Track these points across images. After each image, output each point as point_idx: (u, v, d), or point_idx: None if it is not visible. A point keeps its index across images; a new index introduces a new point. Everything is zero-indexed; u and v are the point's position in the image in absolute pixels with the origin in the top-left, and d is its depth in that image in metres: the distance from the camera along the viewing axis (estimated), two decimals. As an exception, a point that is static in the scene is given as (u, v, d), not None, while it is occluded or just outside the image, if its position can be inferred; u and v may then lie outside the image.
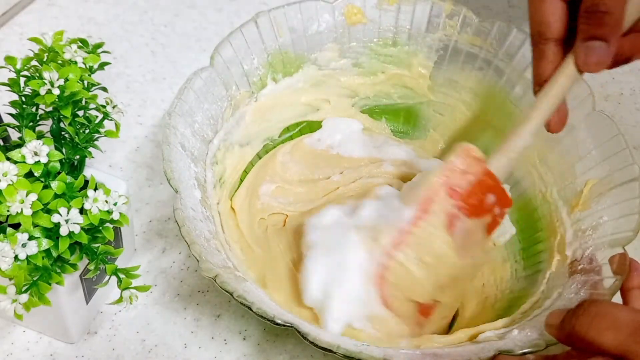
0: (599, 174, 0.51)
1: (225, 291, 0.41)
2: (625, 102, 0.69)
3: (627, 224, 0.46)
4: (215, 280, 0.41)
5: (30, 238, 0.39)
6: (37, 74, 0.44)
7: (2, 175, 0.38)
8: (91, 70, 0.46)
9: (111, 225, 0.42)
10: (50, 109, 0.44)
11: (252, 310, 0.40)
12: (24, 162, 0.40)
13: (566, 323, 0.37)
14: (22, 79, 0.44)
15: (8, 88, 0.45)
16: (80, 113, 0.45)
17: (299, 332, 0.40)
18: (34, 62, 0.45)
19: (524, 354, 0.40)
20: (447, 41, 0.59)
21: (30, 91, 0.44)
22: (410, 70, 0.61)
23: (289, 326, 0.40)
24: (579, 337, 0.35)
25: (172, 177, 0.45)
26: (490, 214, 0.48)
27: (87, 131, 0.45)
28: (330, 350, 0.40)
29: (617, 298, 0.43)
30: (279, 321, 0.40)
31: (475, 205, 0.48)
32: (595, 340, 0.35)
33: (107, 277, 0.42)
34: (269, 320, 0.40)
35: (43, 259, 0.39)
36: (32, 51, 0.46)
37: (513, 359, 0.40)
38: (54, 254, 0.40)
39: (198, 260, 0.42)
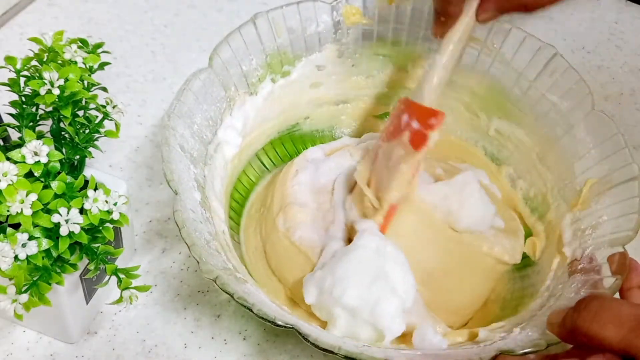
0: (599, 173, 0.51)
1: (226, 293, 0.41)
2: (625, 102, 0.69)
3: (627, 223, 0.46)
4: (215, 282, 0.41)
5: (30, 238, 0.39)
6: (37, 74, 0.44)
7: (2, 175, 0.38)
8: (91, 70, 0.46)
9: (111, 225, 0.42)
10: (50, 109, 0.44)
11: (252, 312, 0.40)
12: (24, 162, 0.40)
13: (568, 319, 0.37)
14: (22, 79, 0.44)
15: (8, 88, 0.45)
16: (80, 113, 0.45)
17: (299, 333, 0.40)
18: (34, 62, 0.45)
19: (525, 353, 0.40)
20: (446, 42, 0.59)
21: (30, 91, 0.44)
22: (408, 70, 0.61)
23: (290, 327, 0.40)
24: (581, 332, 0.35)
25: (171, 179, 0.45)
26: (408, 130, 0.51)
27: (87, 131, 0.45)
28: (332, 352, 0.40)
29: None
30: (280, 322, 0.40)
31: (390, 130, 0.52)
32: (598, 335, 0.35)
33: (107, 277, 0.42)
34: (269, 321, 0.40)
35: (43, 259, 0.39)
36: (32, 51, 0.46)
37: (514, 359, 0.40)
38: (54, 254, 0.40)
39: (198, 262, 0.42)
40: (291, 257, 0.51)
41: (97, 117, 0.46)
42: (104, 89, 0.47)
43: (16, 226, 0.39)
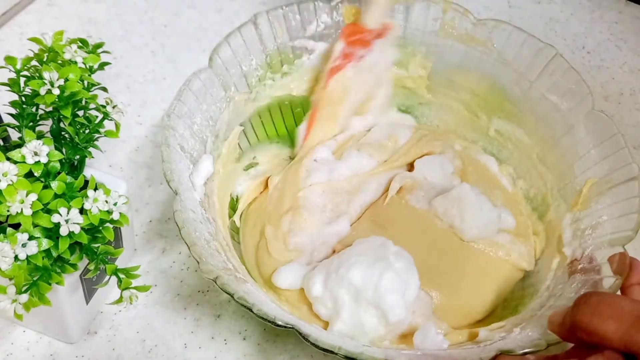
0: (598, 173, 0.51)
1: (226, 293, 0.41)
2: (625, 102, 0.69)
3: (627, 223, 0.46)
4: (215, 282, 0.41)
5: (30, 238, 0.39)
6: (37, 74, 0.44)
7: (2, 175, 0.38)
8: (91, 70, 0.46)
9: (111, 225, 0.42)
10: (50, 109, 0.44)
11: (252, 312, 0.40)
12: (24, 162, 0.40)
13: (568, 316, 0.36)
14: (22, 79, 0.44)
15: (8, 88, 0.45)
16: (80, 113, 0.45)
17: (300, 333, 0.40)
18: (34, 62, 0.45)
19: (525, 354, 0.40)
20: (446, 41, 0.59)
21: (30, 91, 0.44)
22: (408, 70, 0.61)
23: (290, 327, 0.40)
24: (581, 328, 0.35)
25: (171, 179, 0.45)
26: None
27: (87, 131, 0.45)
28: (332, 352, 0.40)
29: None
30: (280, 322, 0.40)
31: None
32: (598, 330, 0.34)
33: (107, 277, 0.42)
34: (269, 321, 0.40)
35: (43, 259, 0.39)
36: (32, 51, 0.46)
37: (514, 359, 0.40)
38: (54, 254, 0.40)
39: (198, 262, 0.42)
40: (277, 259, 0.52)
41: (97, 117, 0.46)
42: (104, 89, 0.47)
43: (16, 226, 0.39)
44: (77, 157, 0.45)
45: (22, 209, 0.39)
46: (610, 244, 0.46)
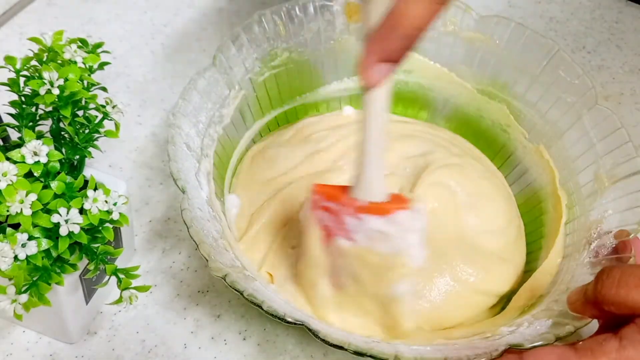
0: (603, 167, 0.51)
1: (235, 290, 0.41)
2: (625, 102, 0.69)
3: (633, 216, 0.47)
4: (225, 280, 0.41)
5: (30, 238, 0.39)
6: (37, 74, 0.44)
7: (2, 175, 0.38)
8: (91, 70, 0.46)
9: (111, 226, 0.42)
10: (50, 109, 0.44)
11: (262, 309, 0.40)
12: (24, 162, 0.40)
13: (590, 292, 0.37)
14: (22, 79, 0.44)
15: (8, 88, 0.44)
16: (80, 113, 0.45)
17: (309, 329, 0.40)
18: (33, 62, 0.45)
19: (534, 347, 0.40)
20: (448, 38, 0.59)
21: (30, 91, 0.44)
22: (411, 67, 0.61)
23: (299, 324, 0.40)
24: (608, 301, 0.36)
25: (178, 178, 0.45)
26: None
27: (86, 131, 0.45)
28: (341, 347, 0.40)
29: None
30: (289, 319, 0.40)
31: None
32: (626, 300, 0.35)
33: (107, 277, 0.42)
34: (279, 318, 0.40)
35: (43, 259, 0.39)
36: (32, 51, 0.46)
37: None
38: (54, 254, 0.40)
39: (207, 260, 0.42)
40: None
41: (96, 117, 0.45)
42: (104, 89, 0.47)
43: (16, 226, 0.39)
44: (77, 157, 0.45)
45: (21, 209, 0.38)
46: (616, 238, 0.46)
